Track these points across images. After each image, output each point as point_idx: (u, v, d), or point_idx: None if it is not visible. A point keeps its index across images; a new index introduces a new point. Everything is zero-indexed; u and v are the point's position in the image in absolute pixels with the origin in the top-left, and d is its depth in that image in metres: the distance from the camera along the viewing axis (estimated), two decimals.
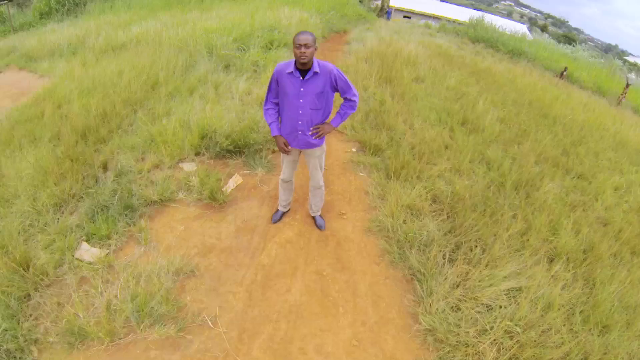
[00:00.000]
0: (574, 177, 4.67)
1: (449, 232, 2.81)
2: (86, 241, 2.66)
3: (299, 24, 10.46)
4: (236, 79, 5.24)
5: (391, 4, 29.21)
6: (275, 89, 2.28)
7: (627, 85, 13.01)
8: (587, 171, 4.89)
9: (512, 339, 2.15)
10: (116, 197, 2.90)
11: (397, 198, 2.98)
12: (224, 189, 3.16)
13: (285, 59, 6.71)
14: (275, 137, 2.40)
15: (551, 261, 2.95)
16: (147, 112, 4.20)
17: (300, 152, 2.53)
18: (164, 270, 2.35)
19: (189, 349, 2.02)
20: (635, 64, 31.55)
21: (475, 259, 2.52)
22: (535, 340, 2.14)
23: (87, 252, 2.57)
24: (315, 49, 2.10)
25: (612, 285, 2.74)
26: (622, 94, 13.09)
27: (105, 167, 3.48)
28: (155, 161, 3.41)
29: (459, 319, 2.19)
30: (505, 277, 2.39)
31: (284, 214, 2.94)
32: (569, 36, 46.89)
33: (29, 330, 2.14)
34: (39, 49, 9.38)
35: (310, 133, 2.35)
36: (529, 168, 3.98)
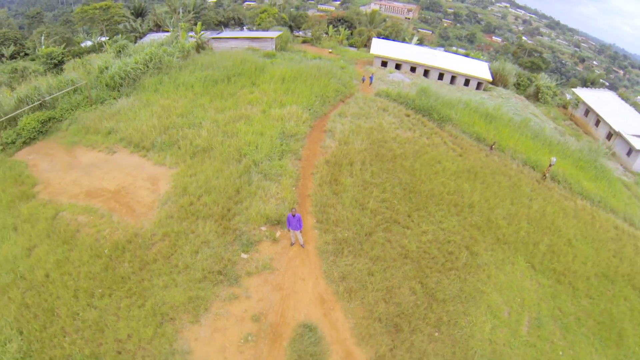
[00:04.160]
0: (403, 228, 13.32)
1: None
2: (243, 252, 11.32)
3: (297, 120, 19.11)
4: (270, 186, 13.88)
5: (372, 51, 37.96)
6: (287, 220, 11.04)
7: (550, 165, 17.13)
8: (414, 224, 13.55)
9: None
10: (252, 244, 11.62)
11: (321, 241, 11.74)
12: (277, 235, 11.84)
13: (288, 166, 15.36)
14: (288, 229, 11.23)
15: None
16: (244, 209, 12.83)
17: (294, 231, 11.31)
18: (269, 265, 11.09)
19: (274, 275, 10.68)
20: (579, 98, 40.04)
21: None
22: None
23: (245, 256, 11.23)
24: (296, 212, 10.80)
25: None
26: (546, 170, 17.34)
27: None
28: (254, 225, 12.07)
29: (333, 269, 10.88)
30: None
31: (292, 243, 11.67)
32: (535, 62, 55.55)
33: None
34: (137, 137, 17.05)
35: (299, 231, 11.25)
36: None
